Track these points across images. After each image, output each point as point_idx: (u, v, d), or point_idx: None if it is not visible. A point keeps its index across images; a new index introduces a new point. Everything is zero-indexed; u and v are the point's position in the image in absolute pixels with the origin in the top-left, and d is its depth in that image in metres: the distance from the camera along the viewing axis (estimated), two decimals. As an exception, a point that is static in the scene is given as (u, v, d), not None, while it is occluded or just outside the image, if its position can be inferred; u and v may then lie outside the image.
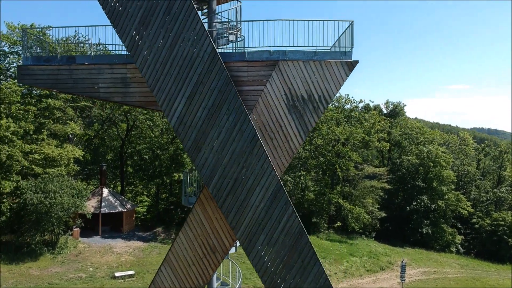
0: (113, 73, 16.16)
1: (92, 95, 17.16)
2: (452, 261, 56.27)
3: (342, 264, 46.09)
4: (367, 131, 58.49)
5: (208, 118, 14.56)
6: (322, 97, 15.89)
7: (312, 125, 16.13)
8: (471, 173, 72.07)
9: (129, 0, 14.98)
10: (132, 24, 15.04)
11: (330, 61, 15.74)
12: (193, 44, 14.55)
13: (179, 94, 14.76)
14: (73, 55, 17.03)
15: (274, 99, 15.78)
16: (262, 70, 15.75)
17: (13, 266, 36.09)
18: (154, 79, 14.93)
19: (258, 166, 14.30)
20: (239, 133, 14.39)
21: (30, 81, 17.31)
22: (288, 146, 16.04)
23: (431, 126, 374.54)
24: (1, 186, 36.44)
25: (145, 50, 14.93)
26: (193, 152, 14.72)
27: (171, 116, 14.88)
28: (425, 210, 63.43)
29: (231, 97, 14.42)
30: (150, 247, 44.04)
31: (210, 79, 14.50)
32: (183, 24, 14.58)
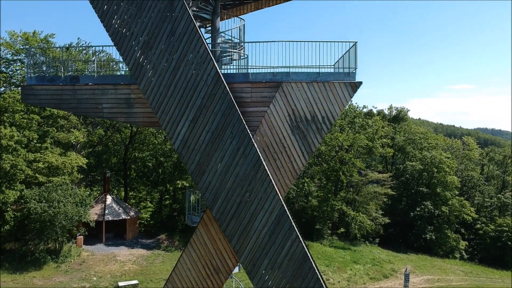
0: (116, 93, 16.18)
1: (96, 115, 17.24)
2: (456, 267, 56.05)
3: (346, 272, 45.97)
4: (371, 137, 58.37)
5: (212, 141, 14.56)
6: (325, 118, 15.87)
7: (316, 146, 16.12)
8: (475, 178, 71.83)
9: (133, 22, 15.00)
10: (136, 46, 15.06)
11: (333, 83, 15.73)
12: (197, 67, 14.55)
13: (182, 117, 14.77)
14: (77, 75, 17.04)
15: (277, 120, 15.78)
16: (266, 91, 15.75)
17: (17, 275, 36.15)
18: (157, 102, 14.94)
19: (261, 190, 14.28)
20: (242, 157, 14.38)
21: (34, 101, 17.35)
22: (291, 167, 16.03)
23: (435, 127, 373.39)
24: (5, 195, 36.49)
25: (149, 73, 14.96)
26: (197, 175, 14.71)
27: (174, 139, 14.88)
28: (428, 216, 63.29)
29: (234, 120, 14.41)
30: (154, 255, 44.05)
31: (213, 103, 14.50)
32: (187, 47, 14.59)
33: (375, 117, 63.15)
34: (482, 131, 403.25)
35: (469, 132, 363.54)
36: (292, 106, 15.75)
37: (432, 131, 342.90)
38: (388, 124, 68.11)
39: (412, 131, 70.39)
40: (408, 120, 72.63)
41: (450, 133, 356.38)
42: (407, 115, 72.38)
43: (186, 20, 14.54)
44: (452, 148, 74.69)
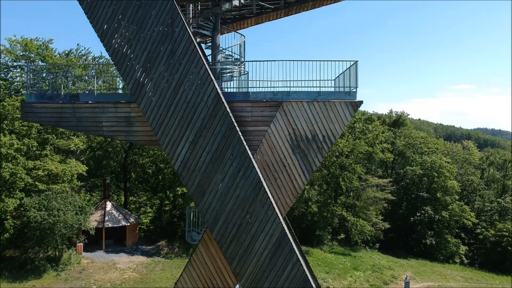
0: (116, 112, 16.14)
1: (96, 133, 17.15)
2: (456, 273, 55.98)
3: (346, 279, 45.91)
4: (371, 143, 58.34)
5: (212, 162, 14.51)
6: (326, 137, 15.84)
7: (317, 165, 16.08)
8: (475, 183, 71.76)
9: (133, 42, 14.95)
10: (136, 66, 15.02)
11: (334, 102, 15.71)
12: (197, 88, 14.51)
13: (183, 138, 14.73)
14: (77, 93, 16.98)
15: (278, 140, 15.75)
16: (266, 110, 15.73)
17: (16, 284, 36.08)
18: (157, 122, 14.89)
19: (262, 213, 14.23)
20: (243, 179, 14.33)
21: (33, 118, 17.25)
22: (292, 186, 16.01)
23: (435, 127, 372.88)
24: (5, 204, 36.44)
25: (149, 93, 14.91)
26: (197, 197, 14.66)
27: (174, 160, 14.82)
28: (429, 221, 63.22)
29: (235, 142, 14.36)
30: (154, 262, 43.98)
31: (214, 124, 14.45)
32: (187, 68, 14.55)
33: (375, 122, 63.08)
34: (482, 131, 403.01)
35: (469, 132, 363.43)
36: (293, 125, 15.72)
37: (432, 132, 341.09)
38: (388, 129, 68.06)
39: (412, 135, 70.33)
40: (408, 125, 72.60)
41: (450, 134, 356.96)
42: (407, 120, 72.36)
43: (187, 41, 14.50)
44: (452, 153, 74.60)
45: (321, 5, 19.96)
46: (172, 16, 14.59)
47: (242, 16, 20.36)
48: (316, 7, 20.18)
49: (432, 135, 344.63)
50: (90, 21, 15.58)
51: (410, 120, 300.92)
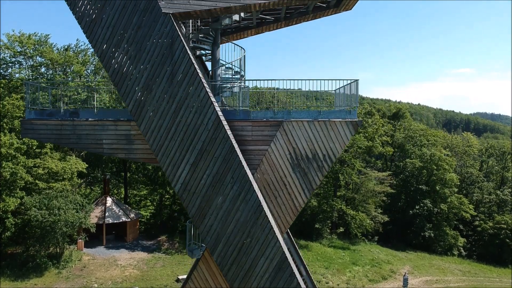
0: (116, 129, 16.13)
1: (96, 150, 17.17)
2: (454, 266, 56.48)
3: (345, 274, 46.30)
4: (371, 137, 58.34)
5: (213, 185, 14.55)
6: (326, 156, 15.88)
7: (317, 183, 16.16)
8: (474, 175, 71.95)
9: (133, 63, 14.88)
10: (136, 87, 14.96)
11: (334, 121, 15.71)
12: (198, 111, 14.48)
13: (183, 161, 14.73)
14: (76, 109, 16.93)
15: (278, 159, 15.79)
16: (266, 130, 15.75)
17: (18, 283, 36.37)
18: (158, 144, 14.89)
19: (262, 236, 14.31)
20: (243, 202, 14.38)
21: (33, 135, 17.22)
22: (292, 204, 16.12)
23: (434, 112, 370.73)
24: (6, 203, 36.55)
25: (149, 115, 14.88)
26: (198, 219, 14.73)
27: (175, 182, 14.85)
28: (427, 214, 63.57)
29: (235, 166, 14.37)
30: (154, 258, 44.29)
31: (214, 147, 14.45)
32: (187, 91, 14.50)
33: (375, 116, 62.97)
34: (481, 116, 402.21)
35: (469, 117, 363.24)
36: (293, 145, 15.75)
37: (432, 117, 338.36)
38: (388, 122, 68.02)
39: (411, 128, 70.27)
40: (407, 117, 72.50)
41: (449, 119, 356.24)
42: (406, 112, 72.27)
43: (187, 63, 14.43)
44: (452, 144, 74.63)
45: (322, 16, 19.82)
46: (172, 38, 14.49)
47: (243, 27, 20.22)
48: (316, 18, 20.05)
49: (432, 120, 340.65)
50: (89, 41, 15.49)
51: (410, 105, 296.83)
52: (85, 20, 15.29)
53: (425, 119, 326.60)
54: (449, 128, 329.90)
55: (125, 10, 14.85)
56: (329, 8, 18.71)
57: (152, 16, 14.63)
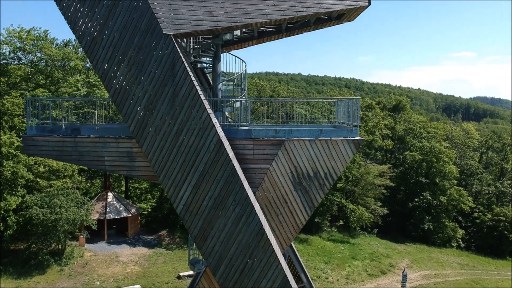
0: (118, 147, 16.10)
1: (98, 167, 17.23)
2: (452, 259, 56.98)
3: (344, 269, 46.75)
4: (371, 131, 58.35)
5: (215, 207, 14.61)
6: (328, 174, 15.94)
7: (318, 201, 16.24)
8: (474, 167, 72.14)
9: (134, 84, 14.83)
10: (138, 108, 14.93)
11: (336, 140, 15.72)
12: (199, 133, 14.47)
13: (185, 182, 14.76)
14: (78, 126, 16.92)
15: (279, 177, 15.85)
16: (268, 148, 15.77)
17: (21, 281, 36.72)
18: (159, 165, 14.91)
19: (264, 259, 14.42)
20: (245, 225, 14.46)
21: (35, 151, 17.20)
22: (293, 221, 16.23)
23: (434, 97, 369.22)
24: (7, 202, 36.72)
25: (151, 136, 14.87)
26: (200, 240, 14.82)
27: (177, 203, 14.91)
28: (427, 206, 63.91)
29: (237, 188, 14.42)
30: (156, 254, 44.66)
31: (216, 169, 14.47)
32: (188, 113, 14.47)
33: (376, 109, 62.89)
34: (481, 100, 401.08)
35: (468, 102, 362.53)
36: (295, 163, 15.78)
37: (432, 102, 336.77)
38: (388, 114, 67.98)
39: (412, 120, 70.26)
40: (408, 110, 72.45)
41: (449, 103, 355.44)
42: (407, 105, 72.19)
43: (188, 85, 14.38)
44: (452, 136, 74.68)
45: (324, 27, 19.69)
46: (174, 59, 14.41)
47: (244, 38, 20.10)
48: (318, 29, 19.93)
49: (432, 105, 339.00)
50: (90, 60, 15.40)
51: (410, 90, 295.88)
52: (86, 39, 15.17)
53: (425, 104, 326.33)
54: (449, 113, 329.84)
55: (126, 30, 14.74)
56: (331, 20, 18.58)
57: (153, 37, 14.52)
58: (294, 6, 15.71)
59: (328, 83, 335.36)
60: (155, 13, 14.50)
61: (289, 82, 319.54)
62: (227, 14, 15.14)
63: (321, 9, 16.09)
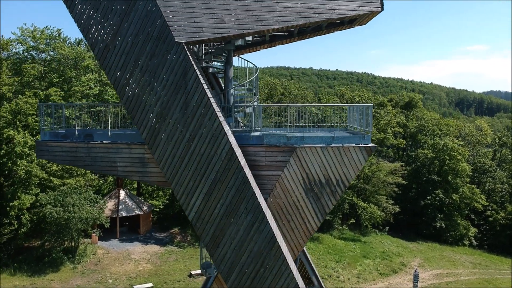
0: (130, 152, 16.20)
1: (111, 173, 17.31)
2: (465, 258, 56.60)
3: (356, 268, 46.68)
4: (383, 128, 58.02)
5: (226, 215, 14.66)
6: (340, 181, 15.91)
7: (330, 207, 16.23)
8: (487, 165, 71.43)
9: (146, 92, 14.89)
10: (150, 115, 15.00)
11: (348, 147, 15.67)
12: (211, 141, 14.51)
13: (197, 190, 14.83)
14: (90, 131, 17.03)
15: (291, 184, 15.85)
16: (280, 155, 15.77)
17: (35, 278, 37.20)
18: (171, 173, 14.99)
19: (276, 267, 14.46)
20: (257, 233, 14.50)
21: (48, 157, 17.40)
22: (305, 228, 16.23)
23: (447, 91, 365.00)
24: (21, 201, 37.17)
25: (163, 143, 14.94)
26: (212, 247, 14.90)
27: (189, 210, 14.99)
28: (439, 204, 63.49)
29: (248, 196, 14.45)
30: (167, 252, 44.96)
31: (228, 177, 14.52)
32: (200, 121, 14.51)
33: (388, 107, 62.48)
34: (495, 94, 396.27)
35: (482, 96, 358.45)
36: (306, 170, 15.76)
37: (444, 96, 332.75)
38: (401, 111, 67.52)
39: (424, 117, 69.69)
40: (420, 107, 71.87)
41: (462, 98, 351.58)
42: (419, 102, 71.64)
43: (200, 93, 14.41)
44: (465, 134, 73.96)
45: (336, 31, 19.58)
46: (185, 67, 14.44)
47: (255, 42, 20.06)
48: (330, 33, 19.81)
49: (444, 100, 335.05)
50: (103, 68, 15.51)
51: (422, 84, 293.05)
52: (98, 47, 15.26)
53: (437, 98, 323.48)
54: (461, 107, 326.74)
55: (138, 38, 14.80)
56: (344, 24, 18.46)
57: (165, 45, 14.56)
58: (306, 12, 15.63)
59: (340, 78, 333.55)
60: (167, 21, 14.53)
61: (300, 77, 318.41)
62: (238, 21, 15.13)
63: (333, 15, 15.99)
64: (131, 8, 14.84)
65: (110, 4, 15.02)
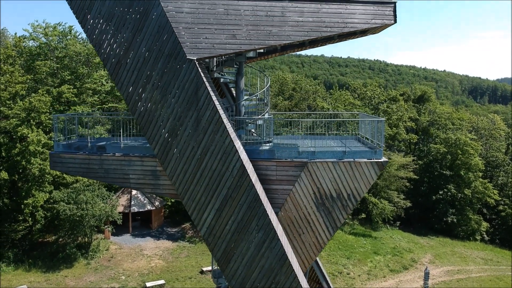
0: (143, 165, 16.33)
1: (123, 184, 17.54)
2: (476, 253, 56.41)
3: (366, 264, 46.79)
4: (395, 123, 57.65)
5: (238, 231, 14.78)
6: (351, 195, 15.93)
7: (341, 221, 16.31)
8: (500, 159, 70.79)
9: (158, 107, 14.97)
10: (162, 131, 15.10)
11: (360, 162, 15.64)
12: (222, 158, 14.58)
13: (208, 205, 14.95)
14: (103, 144, 17.17)
15: (302, 198, 15.90)
16: (291, 170, 15.80)
17: (50, 274, 37.84)
18: (183, 188, 15.11)
19: (287, 284, 14.57)
20: (268, 250, 14.60)
21: (62, 168, 17.61)
22: (316, 241, 16.32)
23: (460, 79, 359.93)
24: (35, 199, 37.68)
25: (175, 159, 15.06)
26: (223, 263, 15.04)
27: (201, 225, 15.13)
28: (451, 199, 63.20)
29: (260, 213, 14.54)
30: (179, 248, 45.41)
31: (239, 194, 14.61)
32: (212, 138, 14.58)
33: (400, 101, 61.98)
34: (509, 81, 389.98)
35: (495, 84, 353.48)
36: (318, 185, 15.78)
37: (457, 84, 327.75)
38: (413, 105, 66.98)
39: (437, 111, 69.06)
40: (433, 101, 71.21)
41: (475, 86, 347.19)
42: (432, 95, 70.98)
43: (212, 110, 14.45)
44: (478, 127, 73.25)
45: (348, 40, 19.43)
46: (197, 84, 14.47)
47: (267, 52, 19.99)
48: (342, 41, 19.67)
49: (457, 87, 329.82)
50: (115, 83, 15.61)
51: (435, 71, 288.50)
52: (111, 62, 15.34)
53: (450, 86, 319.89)
54: (475, 95, 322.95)
55: (150, 54, 14.85)
56: (355, 34, 18.32)
57: (177, 62, 14.59)
58: (318, 26, 15.55)
59: (352, 65, 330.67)
60: (178, 38, 14.54)
61: (312, 64, 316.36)
62: (250, 37, 15.09)
63: (345, 29, 15.89)
64: (142, 24, 14.87)
65: (122, 19, 15.07)
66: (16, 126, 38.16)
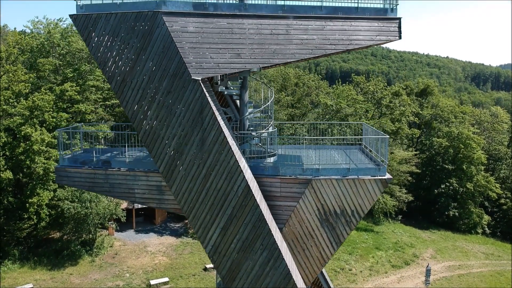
0: (148, 180, 16.47)
1: (129, 199, 17.72)
2: (477, 248, 56.71)
3: (368, 260, 47.15)
4: (398, 118, 57.59)
5: (243, 250, 14.94)
6: (355, 211, 16.05)
7: (345, 237, 16.45)
8: (502, 152, 70.78)
9: (163, 126, 15.05)
10: (167, 150, 15.19)
11: (364, 179, 15.72)
12: (227, 177, 14.68)
13: (213, 224, 15.10)
14: (108, 159, 17.27)
15: (306, 214, 16.03)
16: (295, 187, 15.90)
17: (55, 272, 38.27)
18: (188, 207, 15.26)
19: (291, 303, 14.77)
20: (272, 269, 14.77)
21: (68, 182, 17.81)
22: (320, 256, 16.49)
23: (463, 65, 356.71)
24: (40, 198, 37.93)
25: (180, 178, 15.17)
26: (228, 281, 15.24)
27: (206, 243, 15.29)
28: (453, 193, 63.38)
29: (264, 233, 14.68)
30: (182, 244, 45.79)
31: (244, 214, 14.74)
32: (216, 158, 14.67)
33: (403, 95, 61.82)
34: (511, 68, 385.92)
35: (499, 70, 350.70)
36: (322, 201, 15.89)
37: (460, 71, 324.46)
38: (416, 99, 66.82)
39: (439, 105, 68.86)
40: (436, 94, 70.98)
41: (478, 72, 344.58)
42: (435, 89, 70.74)
43: (216, 130, 14.52)
44: (480, 120, 73.13)
45: (354, 51, 19.40)
46: (202, 105, 14.52)
47: (270, 63, 19.96)
48: (345, 53, 19.66)
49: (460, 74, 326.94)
50: (120, 101, 15.66)
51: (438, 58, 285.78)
52: (116, 80, 15.38)
53: (453, 73, 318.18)
54: (477, 82, 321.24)
55: (154, 73, 14.88)
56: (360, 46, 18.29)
57: (182, 82, 14.62)
58: (322, 44, 15.53)
59: (353, 51, 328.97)
60: (183, 57, 14.54)
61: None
62: (254, 55, 15.11)
63: (350, 46, 15.85)
64: (147, 43, 14.86)
65: (127, 38, 15.07)
66: (19, 124, 38.27)
